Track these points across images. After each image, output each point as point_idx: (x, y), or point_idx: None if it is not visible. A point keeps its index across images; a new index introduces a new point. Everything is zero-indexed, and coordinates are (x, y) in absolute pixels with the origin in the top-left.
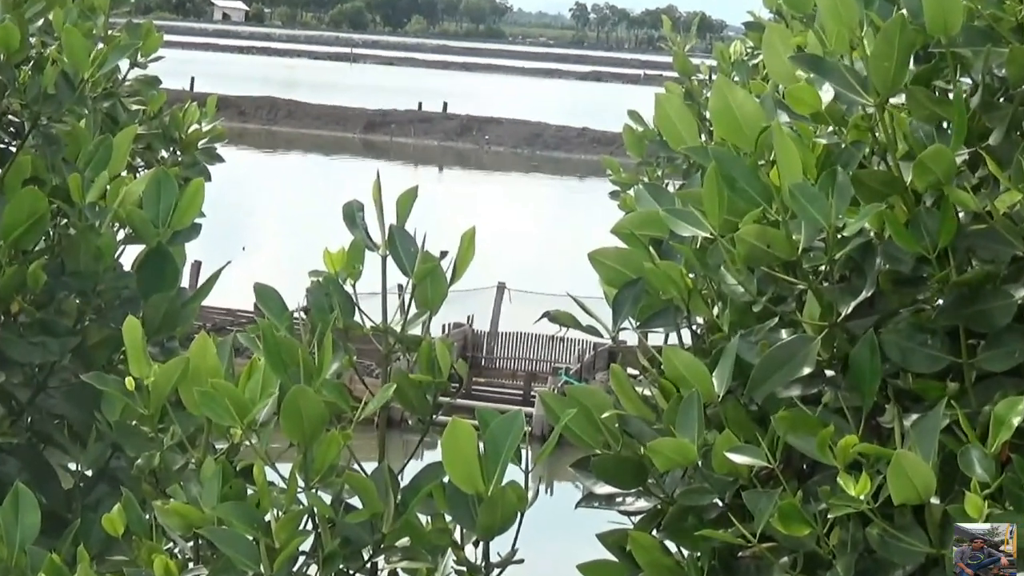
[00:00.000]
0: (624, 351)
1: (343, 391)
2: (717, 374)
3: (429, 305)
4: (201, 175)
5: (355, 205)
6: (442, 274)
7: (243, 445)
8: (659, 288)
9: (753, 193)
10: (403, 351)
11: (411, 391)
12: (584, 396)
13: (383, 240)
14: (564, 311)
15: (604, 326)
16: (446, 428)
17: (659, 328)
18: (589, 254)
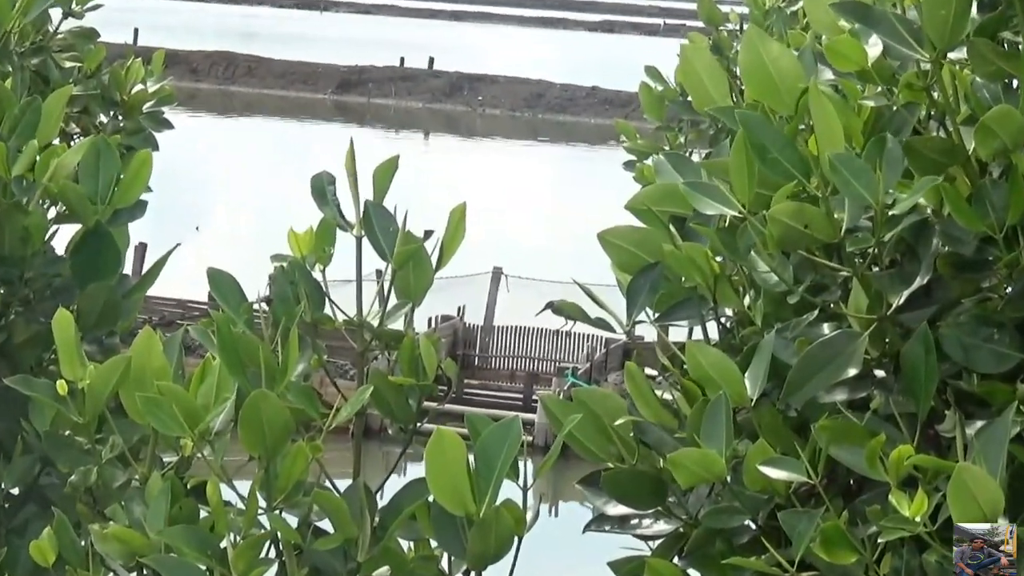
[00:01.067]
0: (640, 348)
1: (311, 395)
2: (749, 375)
3: (412, 295)
4: (147, 144)
5: (325, 178)
6: (427, 258)
7: (195, 458)
8: (681, 274)
9: (788, 164)
10: (382, 349)
11: (391, 395)
12: (593, 400)
13: (358, 219)
14: (570, 301)
15: (617, 319)
16: (431, 438)
17: (681, 321)
18: (600, 234)
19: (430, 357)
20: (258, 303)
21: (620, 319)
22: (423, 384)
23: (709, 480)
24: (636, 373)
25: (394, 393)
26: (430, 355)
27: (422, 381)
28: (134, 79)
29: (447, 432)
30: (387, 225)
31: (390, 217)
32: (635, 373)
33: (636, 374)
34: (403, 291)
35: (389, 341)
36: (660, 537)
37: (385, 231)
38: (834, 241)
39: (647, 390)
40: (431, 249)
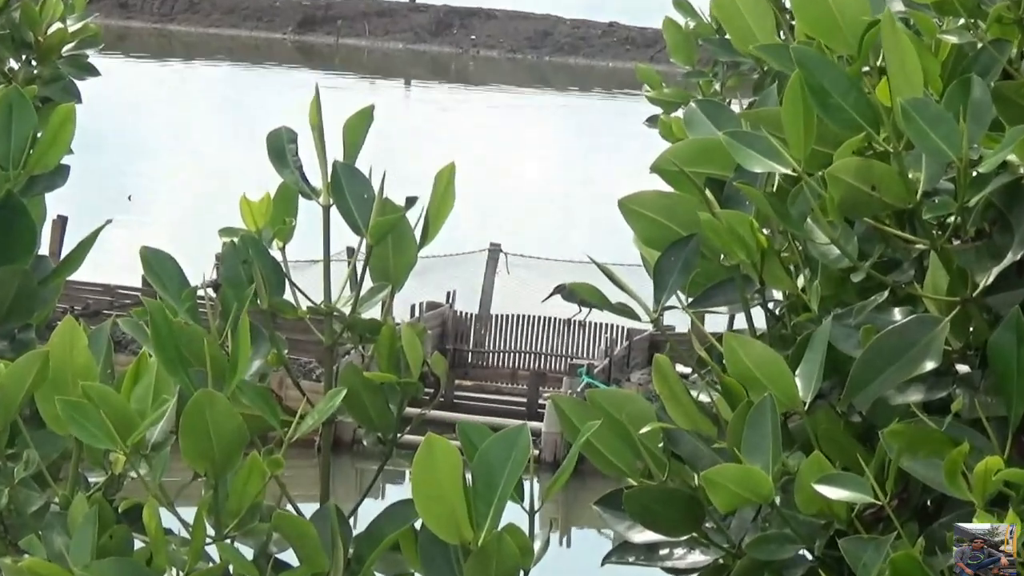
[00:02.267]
0: (671, 340)
1: (269, 399)
2: (802, 371)
3: (391, 276)
4: (68, 95)
5: (284, 135)
6: (409, 232)
7: (127, 477)
8: (720, 249)
9: (853, 112)
10: (355, 342)
11: (367, 399)
12: (614, 403)
13: (325, 184)
14: (585, 284)
15: (642, 304)
16: (417, 450)
17: (720, 306)
18: (620, 201)
19: (414, 352)
20: (203, 288)
21: (646, 305)
22: (406, 385)
23: (754, 501)
24: (666, 369)
25: (370, 396)
26: (414, 350)
27: (405, 381)
28: (51, 16)
29: (440, 442)
30: (360, 191)
31: (364, 182)
32: (665, 369)
33: (666, 371)
34: (381, 272)
35: (364, 333)
36: (695, 571)
37: (358, 199)
38: (908, 207)
39: (680, 390)
40: (414, 221)
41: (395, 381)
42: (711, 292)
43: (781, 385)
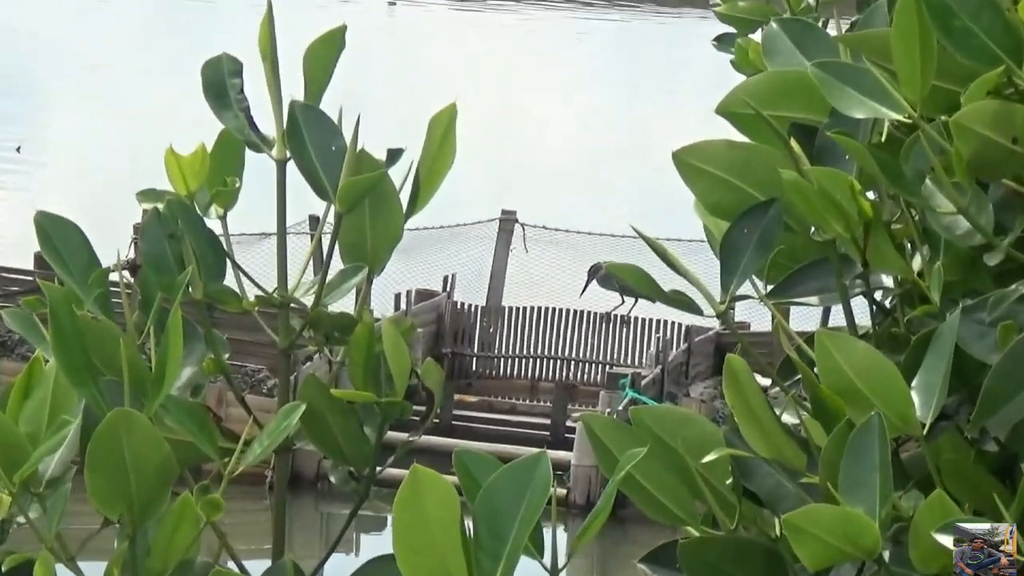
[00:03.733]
0: (743, 341)
1: (205, 420)
2: (920, 383)
3: (369, 256)
4: None
5: (226, 65)
6: (393, 196)
7: (14, 523)
8: (809, 219)
9: (986, 39)
10: (319, 344)
11: (335, 421)
12: (667, 425)
13: (280, 131)
14: (627, 265)
15: (705, 293)
16: (400, 488)
17: (810, 296)
18: (676, 154)
19: (399, 358)
20: (118, 270)
21: (710, 293)
22: (388, 402)
23: (855, 556)
24: (742, 376)
25: (339, 418)
26: (399, 355)
27: (386, 397)
28: None
29: (430, 476)
30: (327, 141)
31: (332, 129)
32: (740, 376)
33: (742, 378)
34: (354, 250)
35: (331, 332)
36: None
37: (324, 151)
38: None
39: (759, 406)
40: (400, 181)
41: (373, 399)
42: (797, 277)
43: (892, 401)
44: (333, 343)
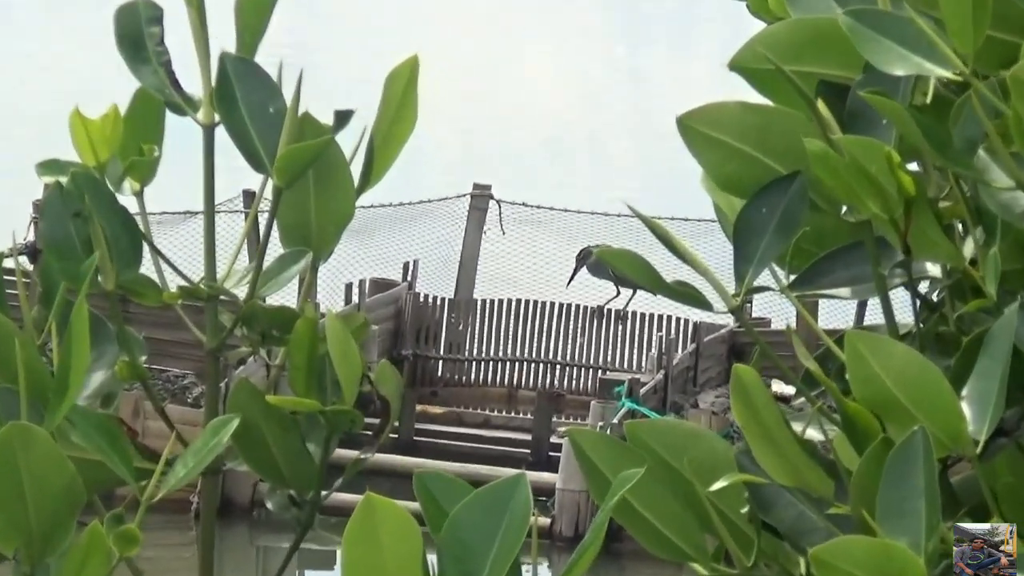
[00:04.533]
0: (761, 342)
1: (118, 436)
2: (972, 392)
3: (314, 238)
4: None
5: (142, 12)
6: (342, 167)
7: None
8: (840, 197)
9: None
10: (254, 344)
11: (273, 436)
12: (670, 442)
13: (207, 90)
14: (622, 250)
15: (715, 284)
16: (351, 518)
17: (840, 288)
18: (681, 119)
19: (349, 360)
20: (13, 255)
21: (721, 285)
22: (335, 414)
23: None
24: (752, 387)
25: (278, 432)
26: (349, 356)
27: (332, 406)
28: None
29: (385, 504)
30: (264, 102)
31: (270, 87)
32: (750, 387)
33: (752, 389)
34: (296, 231)
35: (268, 329)
36: None
37: (260, 113)
38: None
39: (774, 422)
40: (351, 149)
41: (317, 408)
42: (826, 265)
43: (938, 413)
44: (271, 343)
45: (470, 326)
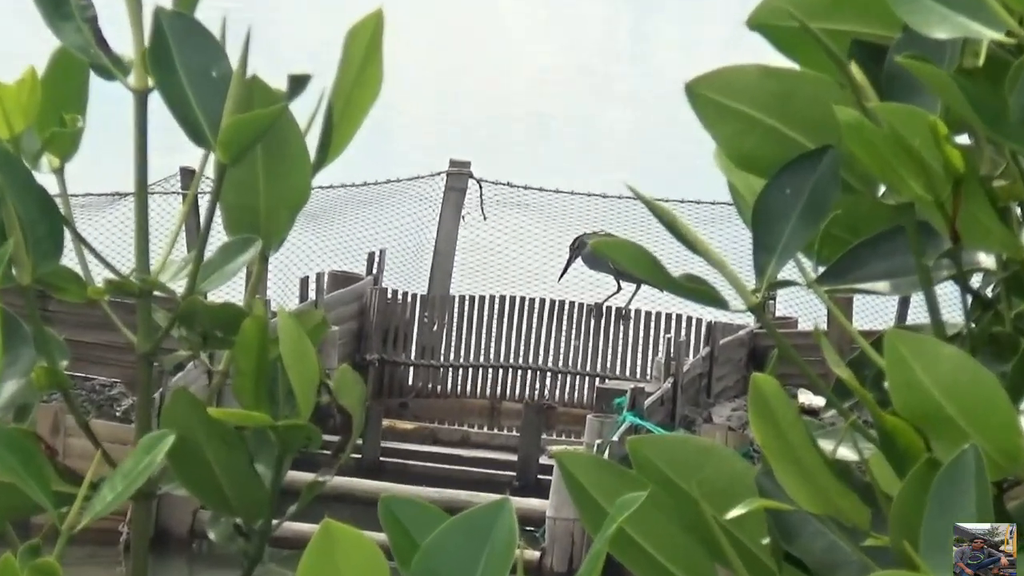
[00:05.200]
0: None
1: (35, 454)
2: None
3: (263, 226)
4: None
5: None
6: (296, 140)
7: None
8: (877, 176)
9: None
10: (193, 347)
11: (215, 455)
12: (678, 461)
13: (139, 51)
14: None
15: (731, 278)
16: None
17: (878, 282)
18: (690, 85)
19: (304, 366)
20: None
21: (739, 278)
22: (287, 427)
23: None
24: (774, 402)
25: (222, 450)
26: (304, 362)
27: (284, 420)
28: None
29: (346, 533)
30: (205, 64)
31: (213, 47)
32: (771, 398)
33: (774, 405)
34: (243, 215)
35: (211, 330)
36: None
37: (201, 78)
38: None
39: (800, 440)
40: (307, 120)
41: (268, 422)
42: (861, 254)
43: (993, 428)
44: (213, 345)
45: (446, 327)
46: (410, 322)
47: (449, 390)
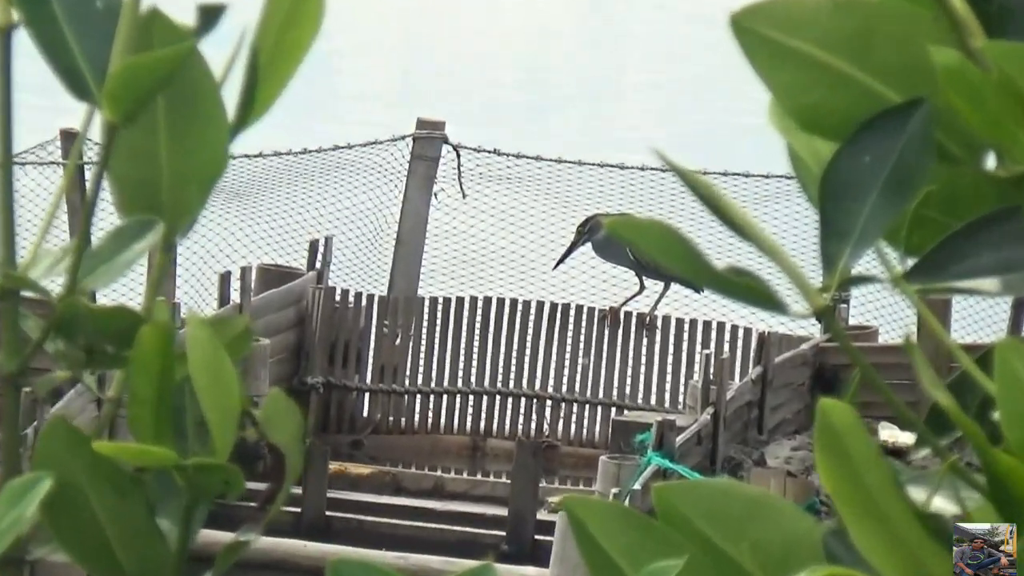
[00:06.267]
0: (863, 361)
1: None
2: None
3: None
4: None
5: None
6: (211, 93)
7: None
8: (984, 136)
9: None
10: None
11: (103, 504)
12: (720, 515)
13: None
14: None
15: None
16: None
17: (985, 279)
18: (736, 18)
19: (221, 390)
20: None
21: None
22: (198, 467)
23: None
24: (851, 434)
25: (111, 497)
26: (221, 384)
27: (196, 460)
28: None
29: None
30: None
31: None
32: (849, 434)
33: (851, 437)
34: (139, 191)
35: (97, 342)
36: None
37: (82, 11)
38: None
39: (884, 486)
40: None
41: (173, 462)
42: (963, 243)
43: None
44: (101, 364)
45: (413, 339)
46: (365, 333)
47: (417, 423)
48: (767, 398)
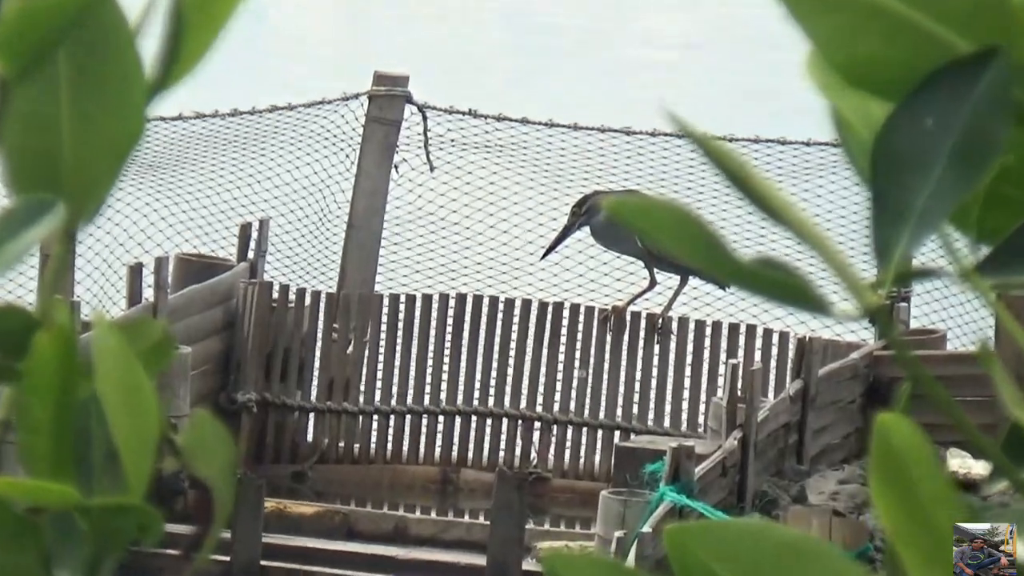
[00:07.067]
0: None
1: None
2: None
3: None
4: None
5: None
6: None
7: None
8: None
9: None
10: None
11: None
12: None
13: None
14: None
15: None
16: None
17: None
18: None
19: (134, 410)
20: None
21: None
22: (108, 509)
23: None
24: (914, 460)
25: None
26: (135, 403)
27: (103, 499)
28: None
29: None
30: None
31: None
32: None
33: (914, 465)
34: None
35: None
36: None
37: None
38: None
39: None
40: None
41: (75, 501)
42: None
43: None
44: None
45: (368, 346)
46: (309, 339)
47: (374, 451)
48: (808, 419)
